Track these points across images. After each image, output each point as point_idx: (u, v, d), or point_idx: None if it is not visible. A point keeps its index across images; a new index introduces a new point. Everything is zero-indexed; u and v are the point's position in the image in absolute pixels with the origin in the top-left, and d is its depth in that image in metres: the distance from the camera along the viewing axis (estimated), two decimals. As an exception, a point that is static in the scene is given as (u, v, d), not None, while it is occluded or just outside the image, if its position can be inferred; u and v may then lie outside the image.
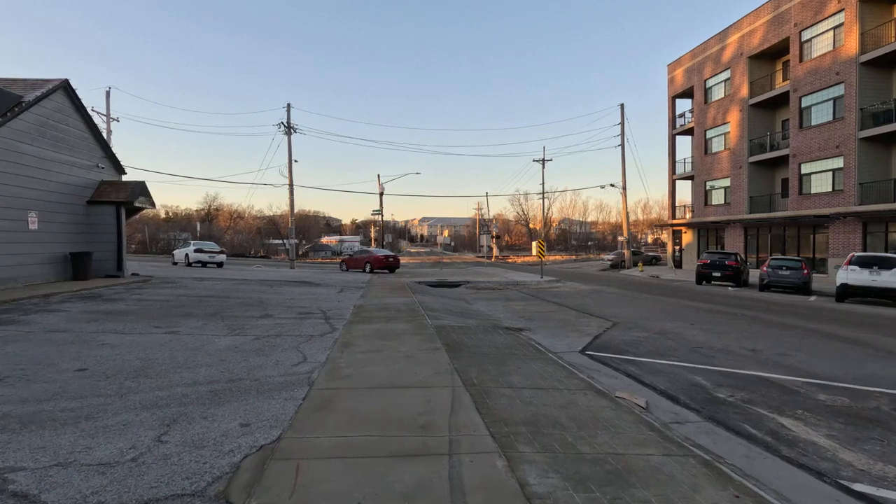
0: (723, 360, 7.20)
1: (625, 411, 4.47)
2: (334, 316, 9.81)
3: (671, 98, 37.58)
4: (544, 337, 8.79)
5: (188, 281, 16.40)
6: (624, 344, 8.37)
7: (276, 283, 17.96)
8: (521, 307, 13.50)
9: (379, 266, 27.99)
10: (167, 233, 78.11)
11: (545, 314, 12.03)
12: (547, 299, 15.61)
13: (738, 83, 30.32)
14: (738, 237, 30.58)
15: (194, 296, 12.24)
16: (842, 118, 23.57)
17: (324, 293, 14.56)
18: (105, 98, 31.83)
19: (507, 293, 17.73)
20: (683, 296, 17.71)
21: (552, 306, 13.80)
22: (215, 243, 29.37)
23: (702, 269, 23.13)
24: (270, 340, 7.07)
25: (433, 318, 9.95)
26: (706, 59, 33.25)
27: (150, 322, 8.31)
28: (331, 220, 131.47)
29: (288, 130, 33.87)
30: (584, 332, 9.55)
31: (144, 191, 15.84)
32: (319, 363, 5.83)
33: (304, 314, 9.90)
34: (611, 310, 12.99)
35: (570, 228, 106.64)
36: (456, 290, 18.97)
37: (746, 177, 29.70)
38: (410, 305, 11.87)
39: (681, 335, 9.25)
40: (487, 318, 11.27)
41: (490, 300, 15.25)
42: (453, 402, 4.45)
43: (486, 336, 8.12)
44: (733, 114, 30.75)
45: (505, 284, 21.32)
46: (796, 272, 19.19)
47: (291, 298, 12.62)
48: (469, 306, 13.48)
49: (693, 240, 35.47)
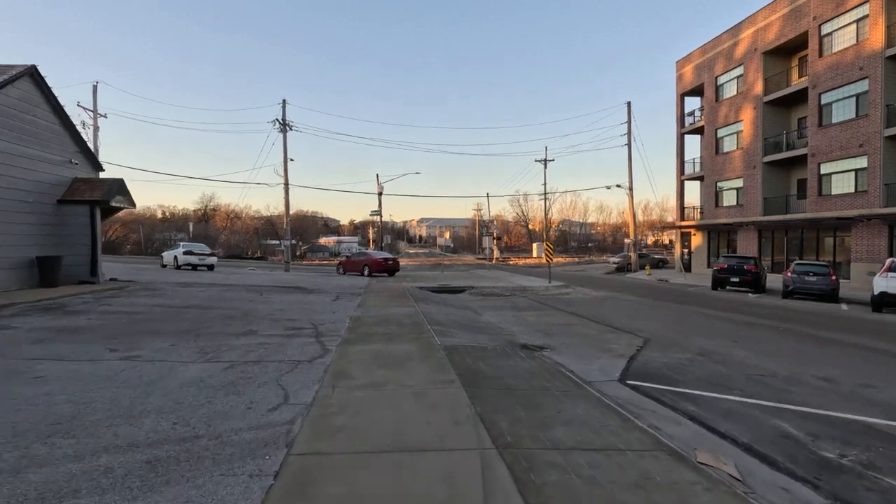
0: (798, 394, 5.94)
1: (723, 491, 3.21)
2: (327, 332, 8.53)
3: (679, 96, 36.37)
4: (571, 359, 7.54)
5: (170, 287, 15.10)
6: (667, 369, 7.12)
7: (266, 289, 16.66)
8: (535, 318, 12.23)
9: (377, 269, 26.70)
10: (163, 233, 76.66)
11: (564, 327, 10.77)
12: (560, 308, 14.36)
13: (751, 80, 29.13)
14: (752, 240, 29.38)
15: (172, 306, 10.94)
16: (865, 115, 22.39)
17: (317, 301, 13.28)
18: (92, 93, 30.51)
19: (516, 301, 16.47)
20: (705, 304, 16.47)
21: (568, 317, 12.54)
22: (206, 245, 28.03)
23: (719, 273, 21.91)
24: (247, 369, 5.80)
25: (441, 334, 8.69)
26: (718, 55, 32.06)
27: (107, 343, 7.02)
28: (329, 220, 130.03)
29: (283, 127, 32.61)
30: (614, 351, 8.30)
31: (122, 189, 14.52)
32: (304, 405, 4.56)
33: (292, 330, 8.62)
34: (635, 322, 11.74)
35: (569, 230, 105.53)
36: (460, 297, 17.71)
37: (761, 177, 28.50)
38: (414, 317, 10.60)
39: (728, 357, 8.00)
40: (500, 332, 10.01)
41: (499, 309, 13.98)
42: (485, 481, 3.18)
43: (505, 360, 6.86)
44: (747, 111, 29.56)
45: (511, 290, 20.06)
46: (823, 278, 17.98)
47: (281, 309, 11.33)
48: (477, 317, 12.22)
49: (703, 242, 34.27)
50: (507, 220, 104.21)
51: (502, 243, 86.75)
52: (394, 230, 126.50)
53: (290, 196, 32.67)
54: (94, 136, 30.11)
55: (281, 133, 32.50)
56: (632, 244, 38.29)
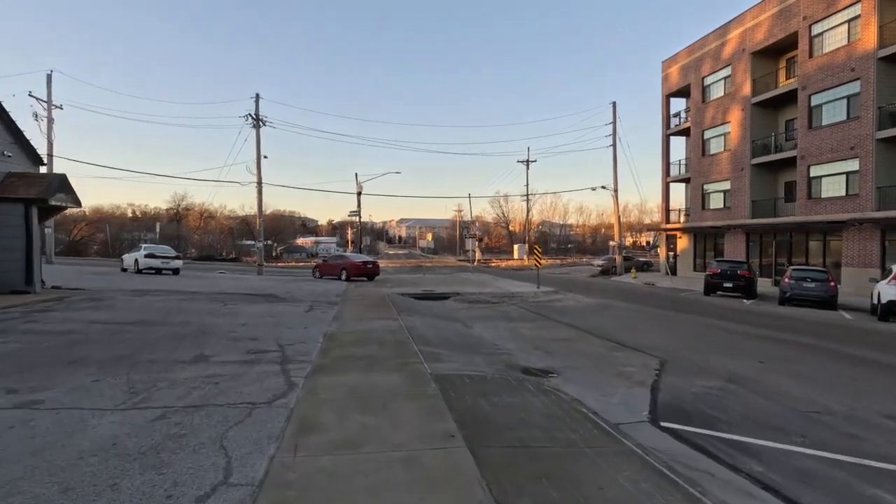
0: (874, 442, 4.87)
1: None
2: (296, 356, 7.18)
3: (665, 97, 35.87)
4: (586, 388, 6.37)
5: (122, 296, 13.45)
6: (701, 403, 6.01)
7: (233, 297, 15.13)
8: (531, 332, 11.06)
9: (356, 273, 25.26)
10: (132, 233, 73.13)
11: (565, 344, 9.61)
12: (555, 318, 13.24)
13: (739, 80, 28.67)
14: (740, 243, 28.90)
15: (114, 322, 9.41)
16: (857, 117, 21.97)
17: (288, 313, 11.86)
18: (46, 83, 28.33)
19: (506, 309, 15.29)
20: (705, 312, 15.58)
21: (568, 330, 11.40)
22: (170, 247, 26.12)
23: (711, 278, 21.17)
24: (184, 420, 4.43)
25: (430, 357, 7.42)
26: (705, 55, 31.58)
27: (8, 380, 5.54)
28: (307, 220, 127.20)
29: (256, 123, 30.87)
30: (631, 377, 7.16)
31: (64, 186, 12.82)
32: (251, 486, 3.24)
33: (254, 354, 7.24)
34: (641, 336, 10.66)
35: (549, 231, 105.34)
36: (445, 305, 16.45)
37: (749, 179, 28.03)
38: (397, 333, 9.31)
39: (765, 385, 6.93)
40: (496, 351, 8.80)
41: (489, 320, 12.77)
42: None
43: (512, 396, 5.63)
44: (734, 113, 29.09)
45: (499, 296, 18.89)
46: (822, 285, 17.32)
47: (244, 324, 9.90)
48: (468, 331, 10.98)
49: (689, 245, 33.78)
50: (487, 221, 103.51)
51: (483, 244, 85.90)
52: (373, 231, 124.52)
53: (265, 195, 30.99)
54: (49, 129, 27.99)
55: (254, 129, 30.77)
56: (617, 247, 37.66)
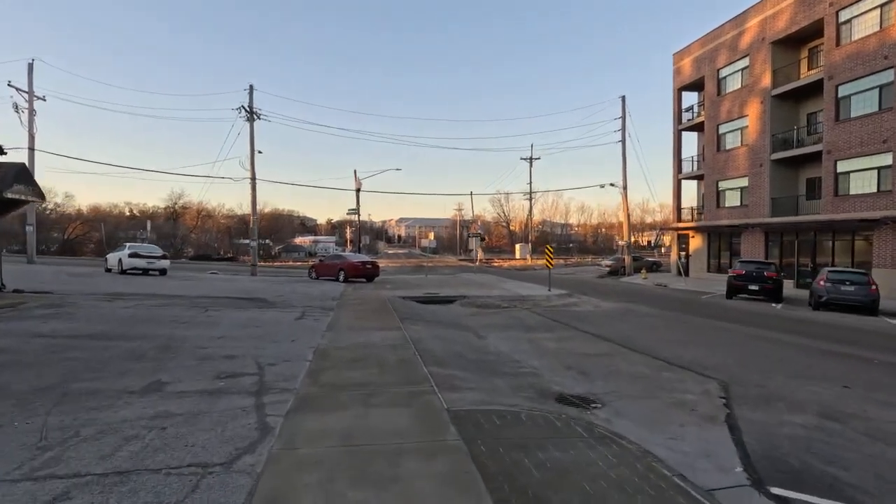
0: None
1: None
2: (276, 382, 5.72)
3: (677, 90, 34.37)
4: (644, 427, 4.94)
5: (89, 302, 11.98)
6: (806, 452, 4.55)
7: (217, 301, 13.66)
8: (555, 344, 9.61)
9: (354, 274, 23.79)
10: (129, 231, 71.59)
11: (600, 361, 8.16)
12: (577, 327, 11.78)
13: (758, 72, 27.20)
14: (758, 243, 27.45)
15: (64, 336, 7.93)
16: (890, 108, 20.52)
17: (276, 321, 10.39)
18: (27, 72, 26.78)
19: (520, 315, 13.84)
20: (737, 318, 14.12)
21: (596, 342, 9.95)
22: (157, 246, 24.62)
23: (735, 280, 19.73)
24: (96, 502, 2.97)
25: (443, 383, 5.97)
26: (720, 46, 30.12)
27: None
28: (306, 219, 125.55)
29: (250, 116, 29.41)
30: (694, 408, 5.72)
31: (23, 177, 11.34)
32: None
33: (224, 379, 5.79)
34: (683, 350, 9.21)
35: (551, 230, 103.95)
36: (452, 310, 15.00)
37: (768, 176, 26.57)
38: (401, 349, 7.85)
39: (875, 423, 5.47)
40: (519, 370, 7.35)
41: (504, 329, 11.31)
42: None
43: (562, 448, 4.17)
44: (752, 106, 27.63)
45: (509, 300, 17.44)
46: (862, 288, 15.89)
47: (221, 336, 8.43)
48: (482, 343, 9.53)
49: (702, 245, 32.32)
50: (487, 221, 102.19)
51: (483, 244, 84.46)
52: (373, 230, 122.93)
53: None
54: (30, 121, 26.49)
55: (247, 122, 29.30)
56: (626, 246, 36.24)
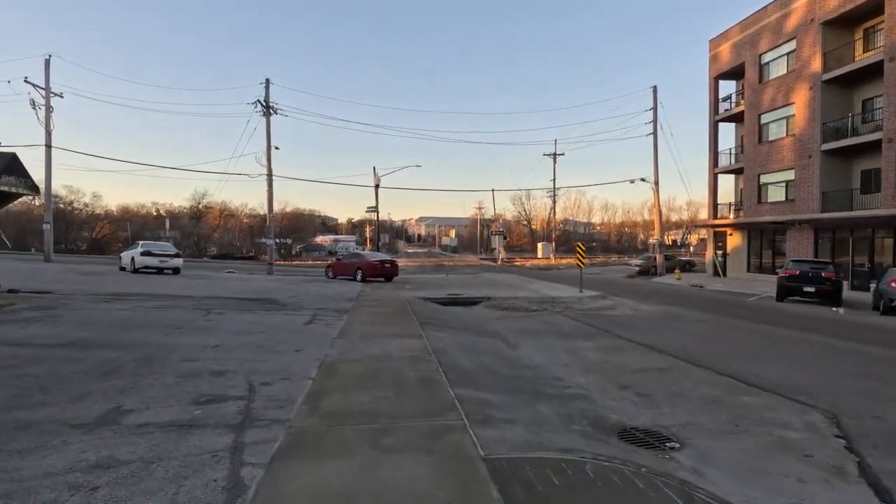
0: None
1: None
2: (265, 410, 4.55)
3: (713, 79, 32.36)
4: (751, 484, 3.61)
5: (86, 303, 11.08)
6: None
7: (225, 303, 12.68)
8: (599, 355, 8.25)
9: (372, 274, 22.71)
10: (155, 230, 72.89)
11: (658, 379, 6.78)
12: (620, 334, 10.38)
13: (806, 55, 25.14)
14: (806, 241, 25.40)
15: (35, 344, 6.93)
16: (964, 90, 18.47)
17: (282, 327, 9.29)
18: (44, 68, 26.48)
19: (553, 320, 12.49)
20: (798, 324, 12.49)
21: (648, 353, 8.55)
22: (170, 244, 23.99)
23: (787, 281, 17.96)
24: None
25: (475, 412, 4.70)
26: (762, 29, 28.08)
27: None
28: (327, 219, 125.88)
29: (266, 111, 28.63)
30: (807, 452, 4.34)
31: (14, 167, 10.50)
32: None
33: (201, 405, 4.63)
34: (755, 365, 7.75)
35: (573, 229, 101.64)
36: (476, 313, 13.73)
37: (819, 168, 24.52)
38: (421, 364, 6.62)
39: None
40: (565, 391, 6.04)
41: (538, 337, 9.99)
42: None
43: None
44: (800, 93, 25.57)
45: (538, 302, 16.07)
46: (941, 290, 14.05)
47: (215, 345, 7.33)
48: (515, 355, 8.23)
49: (741, 243, 30.30)
50: (507, 220, 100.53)
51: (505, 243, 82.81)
52: (392, 229, 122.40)
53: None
54: (46, 118, 26.16)
55: (263, 117, 28.53)
56: (658, 245, 34.39)
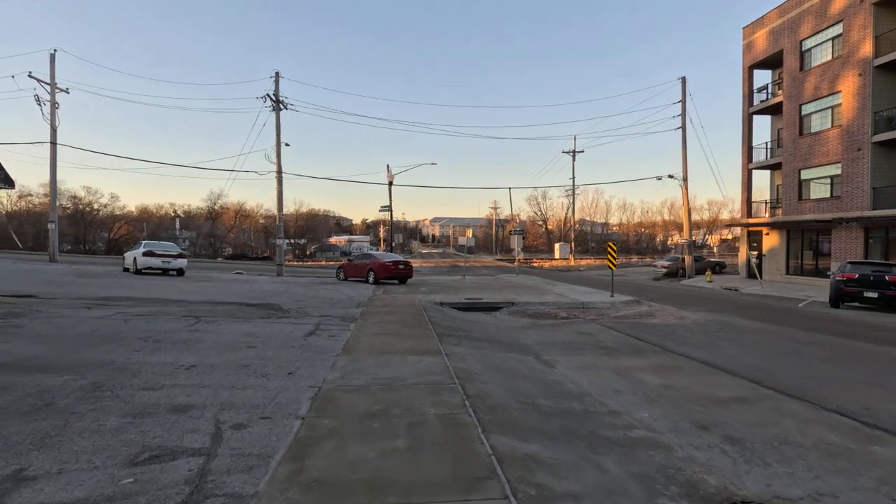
0: None
1: None
2: (225, 476, 3.16)
3: (747, 68, 30.36)
4: None
5: (62, 309, 9.91)
6: None
7: (220, 309, 11.43)
8: (659, 381, 6.73)
9: (385, 275, 21.40)
10: (171, 231, 73.20)
11: (744, 414, 5.25)
12: (674, 349, 8.82)
13: (855, 39, 23.15)
14: (854, 241, 23.39)
15: (-27, 363, 5.69)
16: None
17: (278, 339, 7.95)
18: (49, 62, 25.73)
19: (589, 330, 10.96)
20: (874, 336, 10.75)
21: (718, 376, 7.00)
22: (173, 244, 22.97)
23: (845, 285, 16.12)
24: None
25: (518, 478, 3.25)
26: (804, 13, 26.09)
27: None
28: (341, 219, 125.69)
29: (276, 105, 27.51)
30: None
31: (-18, 157, 9.39)
32: None
33: (136, 469, 3.27)
34: (869, 398, 6.16)
35: (590, 229, 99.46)
36: (501, 321, 12.27)
37: (869, 162, 22.52)
38: (443, 394, 5.19)
39: None
40: (629, 434, 4.56)
41: (576, 352, 8.50)
42: None
43: None
44: (847, 80, 23.57)
45: (567, 308, 14.55)
46: None
47: (190, 367, 6.01)
48: (554, 377, 6.76)
49: (780, 243, 28.28)
50: (523, 220, 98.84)
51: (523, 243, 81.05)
52: (406, 229, 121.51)
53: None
54: (52, 114, 25.38)
55: (273, 112, 27.44)
56: (687, 245, 32.47)
